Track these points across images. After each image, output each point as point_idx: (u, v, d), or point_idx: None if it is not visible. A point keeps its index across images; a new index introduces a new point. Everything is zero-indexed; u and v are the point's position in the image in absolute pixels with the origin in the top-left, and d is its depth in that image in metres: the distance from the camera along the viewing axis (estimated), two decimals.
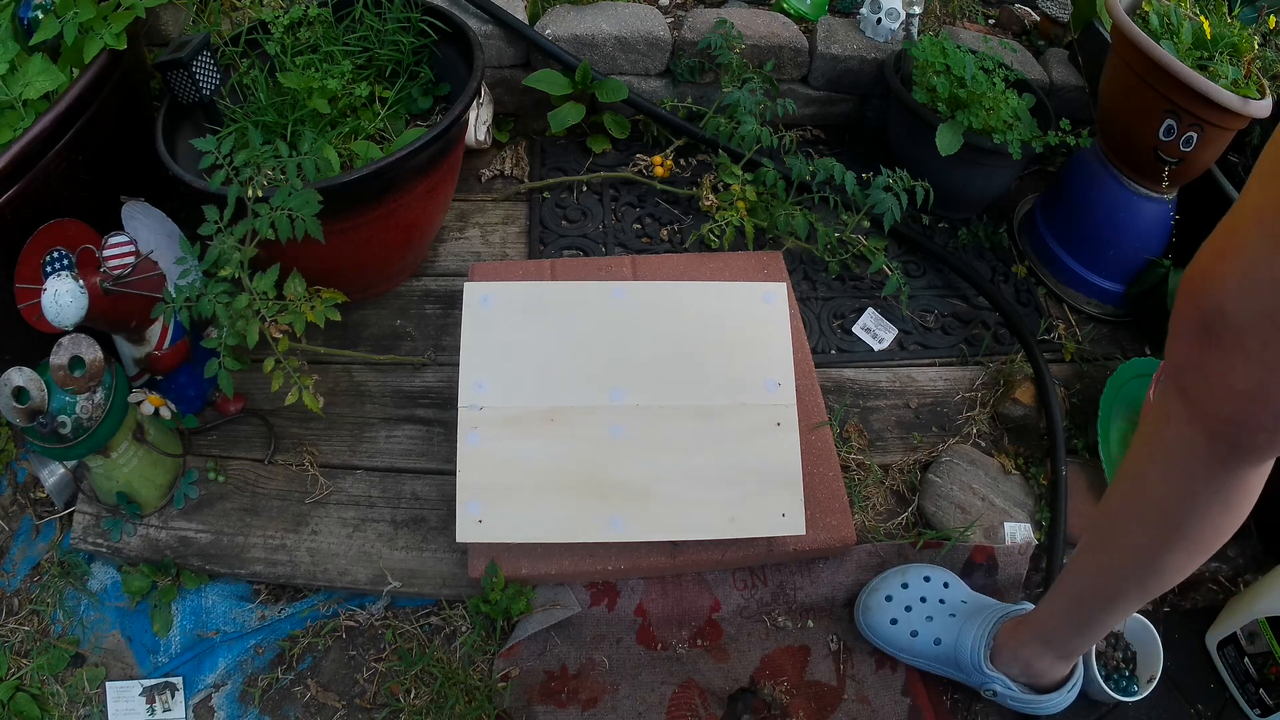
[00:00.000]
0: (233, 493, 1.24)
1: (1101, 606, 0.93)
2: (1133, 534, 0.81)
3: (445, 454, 1.28)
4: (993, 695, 1.09)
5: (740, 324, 1.22)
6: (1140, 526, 0.80)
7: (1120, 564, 0.85)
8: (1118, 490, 0.84)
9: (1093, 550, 0.90)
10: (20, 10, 1.27)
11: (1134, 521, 0.81)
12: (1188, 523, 0.76)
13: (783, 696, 1.13)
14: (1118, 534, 0.83)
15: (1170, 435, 0.72)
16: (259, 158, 1.12)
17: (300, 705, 1.13)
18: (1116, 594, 0.89)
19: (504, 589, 1.12)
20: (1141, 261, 1.49)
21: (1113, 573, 0.87)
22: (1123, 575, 0.86)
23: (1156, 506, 0.77)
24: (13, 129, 1.20)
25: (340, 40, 1.39)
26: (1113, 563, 0.86)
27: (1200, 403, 0.67)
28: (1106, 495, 0.87)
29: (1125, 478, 0.82)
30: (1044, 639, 1.01)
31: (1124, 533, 0.82)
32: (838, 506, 1.19)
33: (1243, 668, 1.16)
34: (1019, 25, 1.96)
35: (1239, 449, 0.68)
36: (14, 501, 1.28)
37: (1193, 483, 0.73)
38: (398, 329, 1.43)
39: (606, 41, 1.62)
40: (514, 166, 1.67)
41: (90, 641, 1.18)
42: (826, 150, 1.78)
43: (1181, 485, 0.74)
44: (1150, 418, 0.77)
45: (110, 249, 1.14)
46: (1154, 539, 0.80)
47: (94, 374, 1.04)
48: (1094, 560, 0.90)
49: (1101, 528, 0.87)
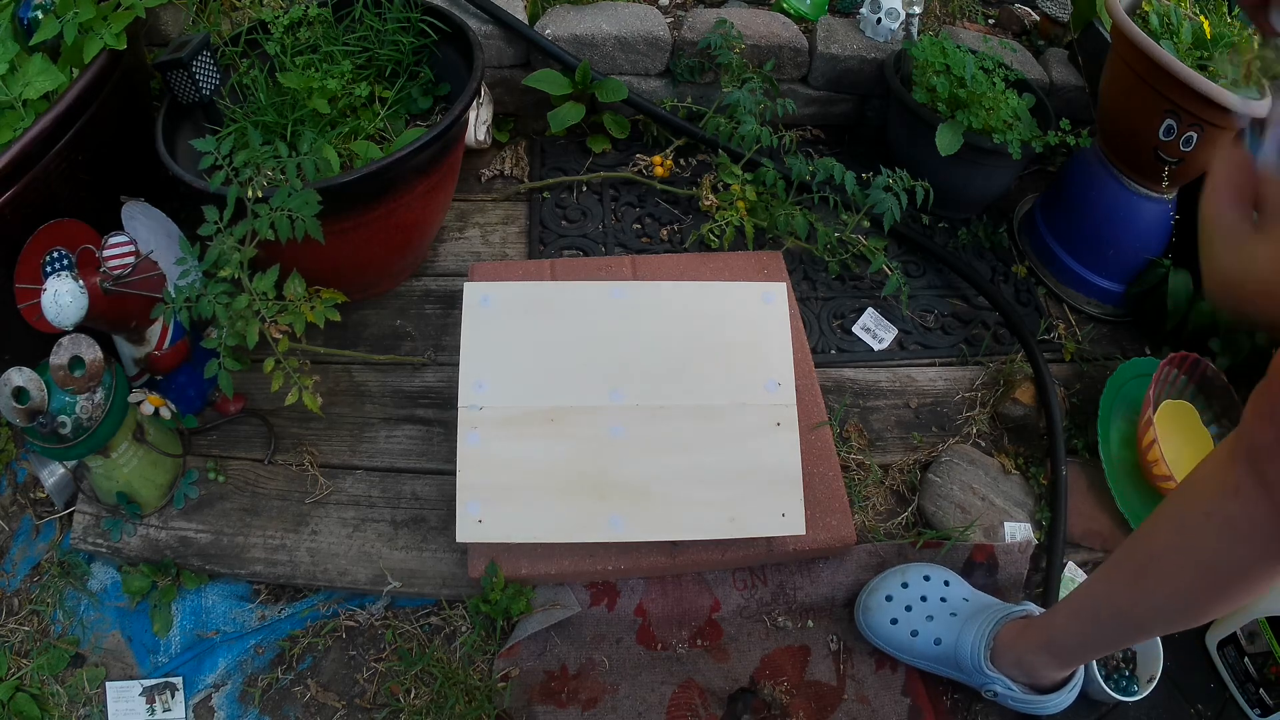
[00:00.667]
0: (233, 493, 1.24)
1: (1124, 633, 0.94)
2: (1176, 583, 0.81)
3: (445, 454, 1.28)
4: (993, 696, 1.09)
5: (740, 324, 1.22)
6: (1185, 579, 0.80)
7: (1155, 604, 0.85)
8: (1163, 535, 0.82)
9: (1126, 583, 0.88)
10: (20, 10, 1.27)
11: (1179, 572, 0.80)
12: (1235, 587, 0.76)
13: (783, 696, 1.13)
14: (1160, 578, 0.82)
15: (1237, 510, 0.70)
16: (259, 158, 1.12)
17: (300, 705, 1.13)
18: (1142, 628, 0.91)
19: (504, 589, 1.12)
20: (1141, 261, 1.49)
21: (1145, 609, 0.87)
22: (1155, 615, 0.86)
23: (1208, 567, 0.77)
24: (13, 129, 1.20)
25: (340, 40, 1.39)
26: (1147, 601, 0.85)
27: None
28: (1147, 533, 0.85)
29: (1174, 528, 0.80)
30: (1053, 649, 1.01)
31: (1167, 579, 0.82)
32: (838, 506, 1.19)
33: (1243, 668, 1.16)
34: (1019, 25, 1.96)
35: None
36: (14, 501, 1.28)
37: (1252, 558, 0.72)
38: (398, 329, 1.43)
39: (606, 41, 1.62)
40: (514, 166, 1.67)
41: (90, 641, 1.18)
42: (826, 150, 1.78)
43: (1240, 557, 0.73)
44: (1213, 479, 0.74)
45: (110, 249, 1.14)
46: (1197, 593, 0.80)
47: (94, 374, 1.04)
48: (1126, 593, 0.88)
49: (1140, 565, 0.85)
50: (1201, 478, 0.77)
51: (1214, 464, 0.74)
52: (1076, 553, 1.26)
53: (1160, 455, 1.22)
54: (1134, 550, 0.87)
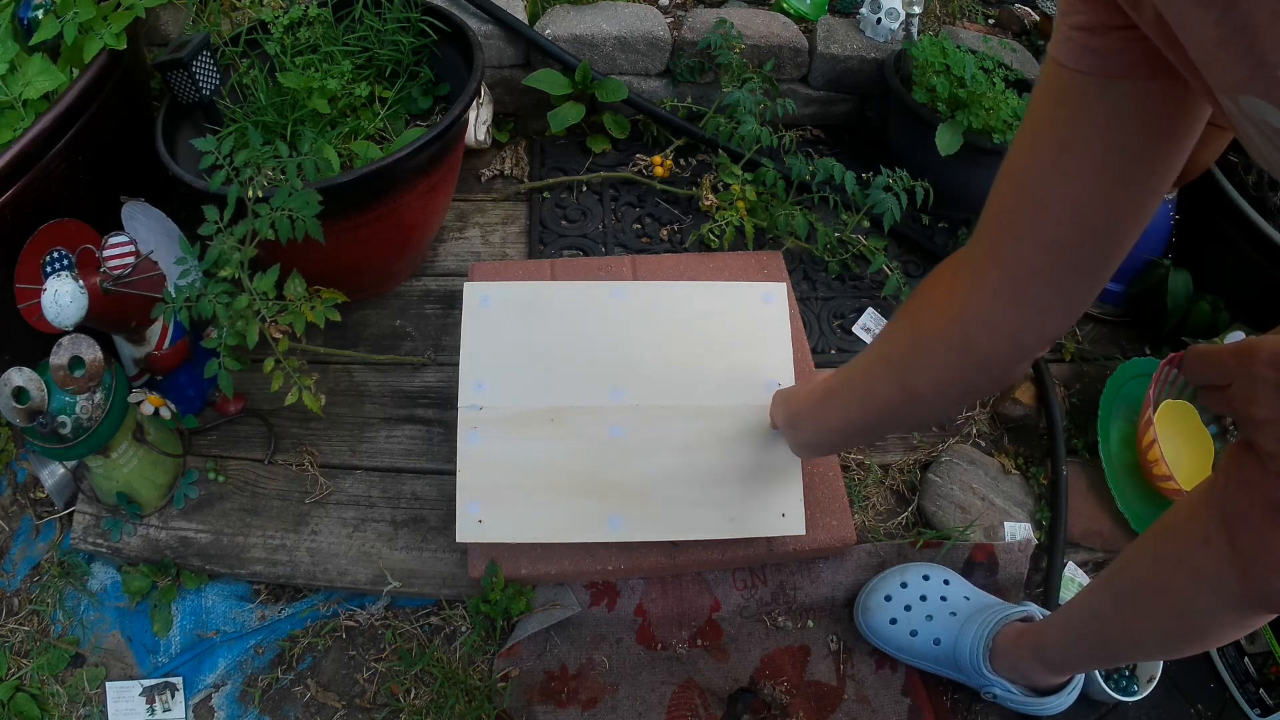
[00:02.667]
0: (233, 493, 1.24)
1: (1105, 656, 0.96)
2: (1151, 618, 0.81)
3: (445, 454, 1.28)
4: (993, 698, 1.09)
5: (740, 324, 1.22)
6: (1159, 617, 0.80)
7: (1133, 636, 0.86)
8: (1142, 568, 0.82)
9: (1108, 607, 0.88)
10: (20, 10, 1.27)
11: (1153, 610, 0.80)
12: (1209, 631, 0.77)
13: (783, 696, 1.13)
14: (1137, 611, 0.82)
15: (1206, 563, 0.70)
16: (259, 158, 1.12)
17: (300, 705, 1.13)
18: (1119, 655, 0.93)
19: (504, 589, 1.12)
20: (1141, 261, 1.49)
21: (1122, 640, 0.88)
22: (1132, 646, 0.88)
23: (1178, 610, 0.77)
24: (13, 129, 1.20)
25: (340, 40, 1.39)
26: (1126, 631, 0.86)
27: (1252, 571, 0.65)
28: (1130, 560, 0.84)
29: (1151, 564, 0.80)
30: (1043, 659, 1.01)
31: (1143, 613, 0.82)
32: (838, 506, 1.19)
33: (1243, 668, 1.16)
34: (1019, 25, 1.96)
35: (1272, 609, 0.68)
36: (14, 501, 1.28)
37: (1218, 609, 0.72)
38: (398, 329, 1.43)
39: (606, 41, 1.62)
40: (514, 166, 1.67)
41: (90, 641, 1.18)
42: (826, 150, 1.78)
43: (1207, 607, 0.73)
44: (1188, 525, 0.73)
45: (110, 249, 1.14)
46: (1171, 633, 0.81)
47: (94, 374, 1.04)
48: (1108, 616, 0.88)
49: (1120, 593, 0.85)
50: (1177, 521, 0.76)
51: (1188, 510, 0.74)
52: (1076, 553, 1.26)
53: (1160, 455, 1.22)
54: (1117, 578, 0.86)
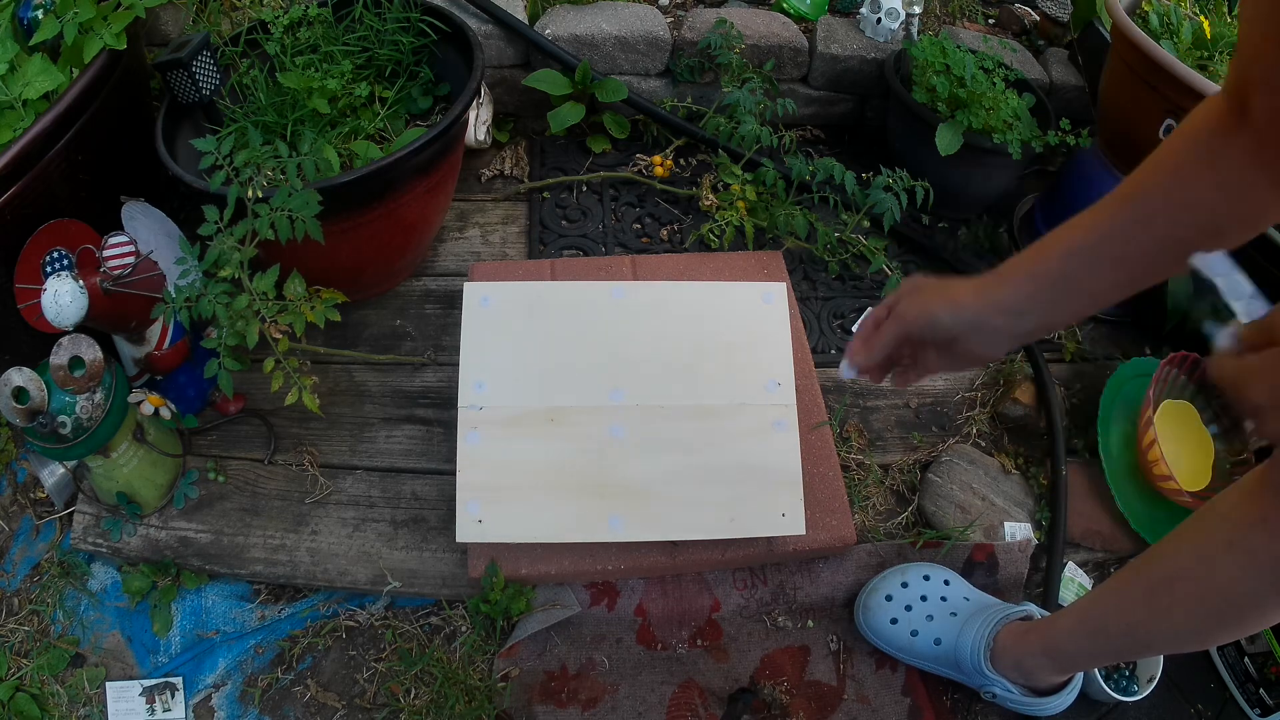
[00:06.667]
0: (233, 493, 1.24)
1: (1131, 649, 0.94)
2: (1188, 608, 0.80)
3: (445, 454, 1.28)
4: (992, 698, 1.09)
5: (740, 324, 1.22)
6: (1199, 606, 0.79)
7: (1166, 626, 0.84)
8: (1181, 559, 0.81)
9: (1139, 601, 0.87)
10: (20, 10, 1.27)
11: (1193, 599, 0.79)
12: (1249, 618, 0.76)
13: (783, 696, 1.13)
14: (1174, 602, 0.81)
15: (1260, 542, 0.69)
16: (259, 158, 1.12)
17: (300, 705, 1.13)
18: (1150, 646, 0.91)
19: (504, 589, 1.12)
20: None
21: (1155, 630, 0.86)
22: (1165, 637, 0.86)
23: (1224, 598, 0.76)
24: (13, 129, 1.20)
25: (340, 40, 1.39)
26: (1159, 622, 0.84)
27: None
28: (1164, 554, 0.84)
29: (1192, 555, 0.79)
30: (1053, 655, 1.00)
31: (1180, 603, 0.81)
32: (838, 506, 1.19)
33: (1243, 667, 1.16)
34: (1019, 25, 1.96)
35: None
36: (14, 501, 1.28)
37: (1269, 592, 0.72)
38: (398, 329, 1.43)
39: (606, 41, 1.62)
40: (514, 166, 1.67)
41: (90, 641, 1.18)
42: (826, 150, 1.78)
43: (1256, 590, 0.73)
44: (1238, 509, 0.73)
45: (110, 249, 1.14)
46: (1209, 621, 0.79)
47: (94, 374, 1.04)
48: (1138, 610, 0.87)
49: (1154, 585, 0.84)
50: (1226, 507, 0.76)
51: (1240, 494, 0.73)
52: (1076, 553, 1.26)
53: (1160, 455, 1.22)
54: (1149, 569, 0.85)
